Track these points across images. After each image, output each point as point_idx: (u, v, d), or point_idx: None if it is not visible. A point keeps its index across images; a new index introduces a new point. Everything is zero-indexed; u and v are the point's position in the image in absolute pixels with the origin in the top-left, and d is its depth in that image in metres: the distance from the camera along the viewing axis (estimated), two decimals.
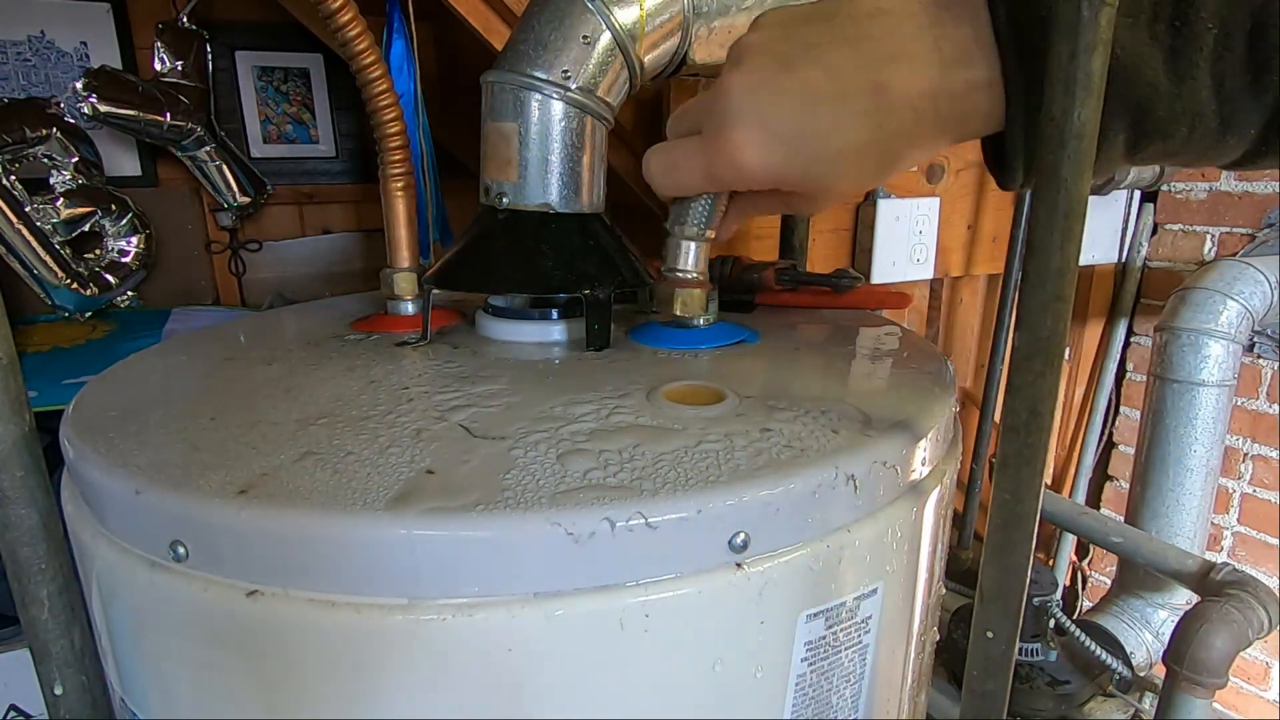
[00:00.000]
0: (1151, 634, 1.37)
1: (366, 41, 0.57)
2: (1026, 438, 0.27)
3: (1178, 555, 1.05)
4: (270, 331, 0.56)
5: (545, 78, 0.46)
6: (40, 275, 1.15)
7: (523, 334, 0.52)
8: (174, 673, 0.33)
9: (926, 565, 0.40)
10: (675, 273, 0.47)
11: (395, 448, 0.34)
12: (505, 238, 0.48)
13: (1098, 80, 0.23)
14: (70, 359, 1.10)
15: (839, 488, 0.33)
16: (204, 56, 1.35)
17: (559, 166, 0.47)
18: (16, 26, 1.28)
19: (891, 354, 0.50)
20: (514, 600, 0.29)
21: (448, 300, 0.63)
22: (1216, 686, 0.90)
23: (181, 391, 0.43)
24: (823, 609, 0.33)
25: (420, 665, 0.29)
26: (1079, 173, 0.24)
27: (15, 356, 0.34)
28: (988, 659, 0.30)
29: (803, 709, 0.35)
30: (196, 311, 1.38)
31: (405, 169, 0.59)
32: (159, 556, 0.31)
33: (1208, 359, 1.31)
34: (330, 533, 0.28)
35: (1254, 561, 1.51)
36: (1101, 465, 1.69)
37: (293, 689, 0.30)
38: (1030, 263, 0.25)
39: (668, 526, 0.29)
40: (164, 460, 0.33)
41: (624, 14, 0.48)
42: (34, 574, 0.35)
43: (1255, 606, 0.91)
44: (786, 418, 0.38)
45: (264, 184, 1.47)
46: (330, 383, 0.43)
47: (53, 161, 1.21)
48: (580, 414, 0.38)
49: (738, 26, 0.56)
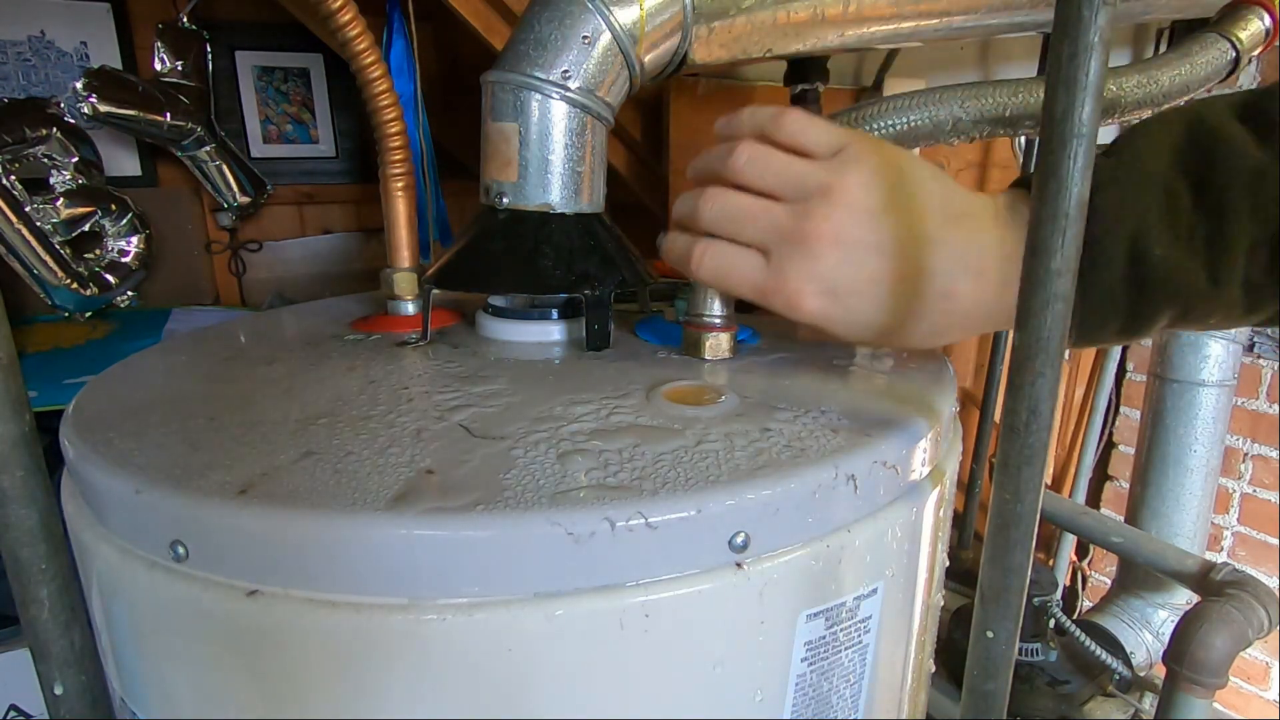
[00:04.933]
0: (1151, 634, 1.37)
1: (366, 41, 0.57)
2: (1026, 438, 0.27)
3: (1178, 555, 1.05)
4: (270, 331, 0.56)
5: (545, 78, 0.46)
6: (40, 275, 1.15)
7: (523, 334, 0.52)
8: (174, 673, 0.33)
9: (926, 565, 0.40)
10: (701, 318, 0.47)
11: (395, 448, 0.34)
12: (505, 238, 0.48)
13: (1097, 80, 0.23)
14: (70, 359, 1.10)
15: (839, 488, 0.33)
16: (204, 56, 1.36)
17: (559, 166, 0.47)
18: (16, 26, 1.28)
19: (891, 354, 0.50)
20: (514, 600, 0.29)
21: (448, 300, 0.63)
22: (1216, 686, 0.90)
23: (181, 391, 0.43)
24: (823, 609, 0.33)
25: (420, 665, 0.29)
26: (1079, 173, 0.24)
27: (15, 356, 0.34)
28: (988, 659, 0.30)
29: (803, 709, 0.35)
30: (196, 311, 1.38)
31: (405, 169, 0.59)
32: (159, 556, 0.31)
33: (1208, 358, 1.31)
34: (330, 533, 0.28)
35: (1254, 561, 1.51)
36: (1101, 465, 1.69)
37: (293, 689, 0.30)
38: (1030, 263, 0.25)
39: (668, 526, 0.29)
40: (164, 460, 0.33)
41: (624, 14, 0.48)
42: (34, 574, 0.35)
43: (1255, 606, 0.91)
44: (786, 418, 0.38)
45: (264, 184, 1.47)
46: (330, 383, 0.43)
47: (53, 161, 1.21)
48: (580, 414, 0.38)
49: (737, 26, 0.56)
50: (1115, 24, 0.28)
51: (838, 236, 0.35)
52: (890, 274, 0.36)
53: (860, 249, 0.35)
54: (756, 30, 0.57)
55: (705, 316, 0.47)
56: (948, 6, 0.65)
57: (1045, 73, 0.24)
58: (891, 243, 0.35)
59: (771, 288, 0.37)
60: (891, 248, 0.35)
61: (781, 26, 0.59)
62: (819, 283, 0.36)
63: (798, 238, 0.36)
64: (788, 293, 0.36)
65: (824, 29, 0.61)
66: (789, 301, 0.37)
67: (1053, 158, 0.24)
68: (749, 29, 0.57)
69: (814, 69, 0.88)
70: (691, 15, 0.53)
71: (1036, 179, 0.25)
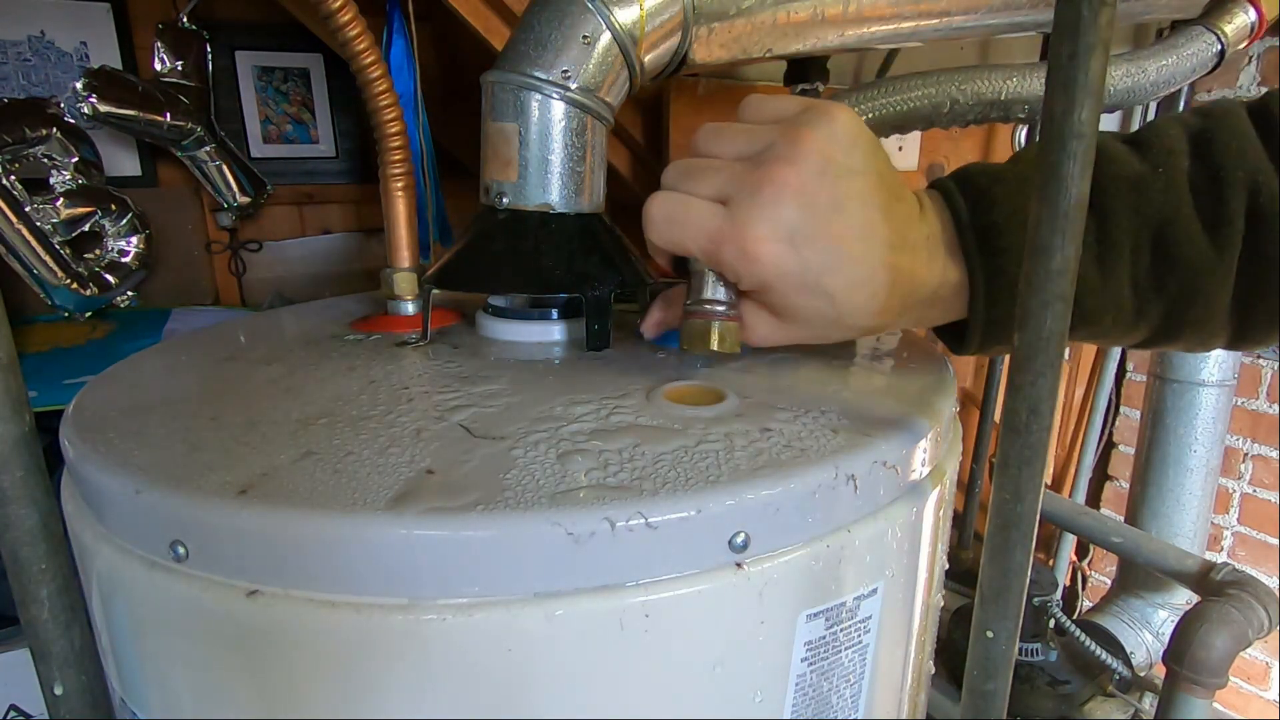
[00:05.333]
0: (1151, 634, 1.37)
1: (366, 41, 0.57)
2: (1026, 438, 0.27)
3: (1178, 555, 1.05)
4: (270, 331, 0.56)
5: (545, 78, 0.46)
6: (40, 275, 1.15)
7: (523, 334, 0.52)
8: (174, 673, 0.33)
9: (926, 565, 0.40)
10: (704, 304, 0.41)
11: (395, 448, 0.34)
12: (505, 238, 0.48)
13: (1097, 80, 0.23)
14: (70, 359, 1.10)
15: (839, 488, 0.33)
16: (204, 56, 1.35)
17: (559, 166, 0.47)
18: (16, 26, 1.28)
19: (891, 354, 0.50)
20: (514, 600, 0.29)
21: (448, 300, 0.63)
22: (1216, 686, 0.90)
23: (181, 391, 0.43)
24: (823, 609, 0.33)
25: (420, 665, 0.29)
26: (1079, 172, 0.24)
27: (15, 356, 0.34)
28: (988, 659, 0.30)
29: (803, 709, 0.35)
30: (196, 311, 1.38)
31: (405, 169, 0.59)
32: (159, 556, 0.31)
33: (1208, 358, 1.31)
34: (330, 533, 0.28)
35: (1254, 561, 1.51)
36: (1101, 465, 1.69)
37: (292, 689, 0.30)
38: (1030, 263, 0.25)
39: (668, 526, 0.29)
40: (164, 460, 0.33)
41: (624, 14, 0.48)
42: (34, 574, 0.35)
43: (1255, 606, 0.92)
44: (786, 418, 0.38)
45: (264, 184, 1.47)
46: (330, 383, 0.43)
47: (53, 161, 1.21)
48: (580, 414, 0.38)
49: (737, 26, 0.56)
50: (1115, 24, 0.28)
51: (801, 185, 0.35)
52: (848, 232, 0.35)
53: (823, 199, 0.35)
54: (756, 30, 0.57)
55: (709, 304, 0.41)
56: (948, 6, 0.65)
57: (1042, 61, 0.24)
58: (852, 201, 0.36)
59: (727, 234, 0.36)
60: (850, 206, 0.35)
61: (781, 26, 0.59)
62: (779, 228, 0.35)
63: (759, 182, 0.35)
64: (744, 240, 0.35)
65: (824, 29, 0.61)
66: (745, 250, 0.35)
67: (1053, 158, 0.24)
68: (749, 29, 0.57)
69: (814, 69, 0.88)
70: (691, 15, 0.53)
71: (1037, 179, 0.25)
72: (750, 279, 0.37)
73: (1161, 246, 0.36)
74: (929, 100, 0.75)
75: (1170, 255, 0.36)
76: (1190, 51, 0.85)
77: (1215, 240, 0.35)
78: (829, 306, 0.37)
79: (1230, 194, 0.35)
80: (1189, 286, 0.36)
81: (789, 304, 0.38)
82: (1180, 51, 0.84)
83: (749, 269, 0.36)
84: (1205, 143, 0.36)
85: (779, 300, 0.38)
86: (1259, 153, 0.35)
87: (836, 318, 0.38)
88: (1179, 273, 0.36)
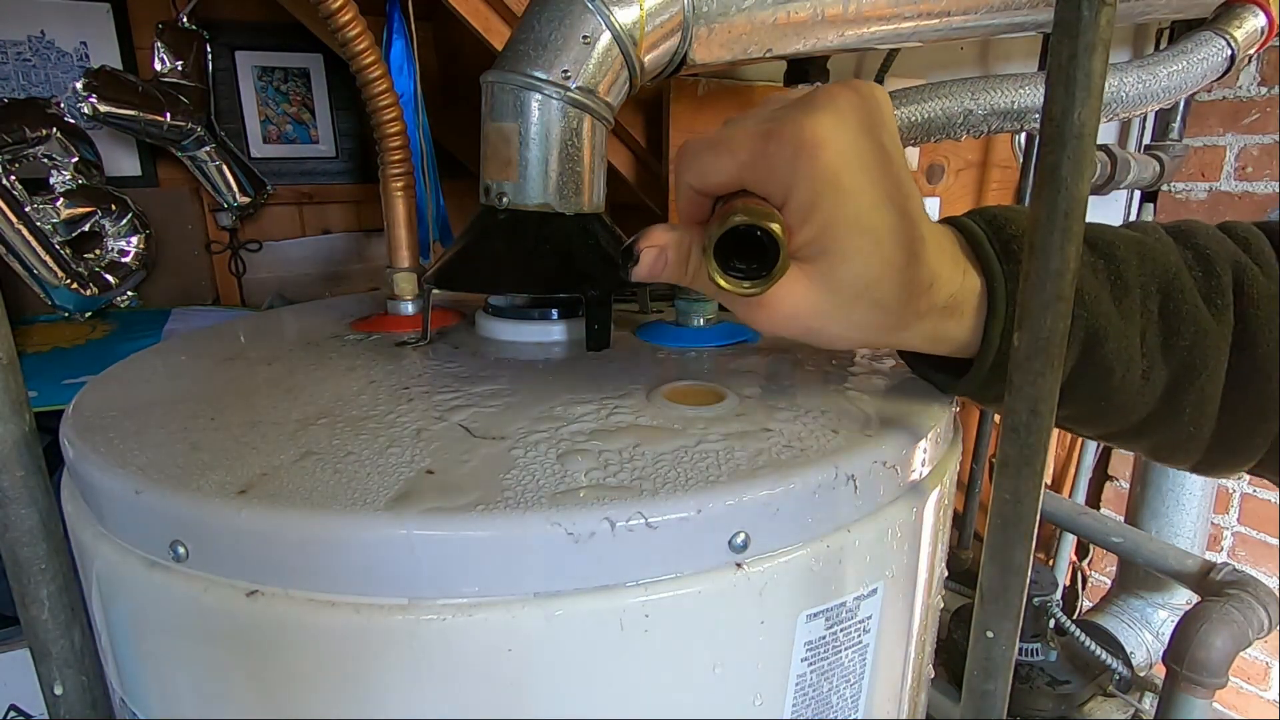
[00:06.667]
0: (1151, 634, 1.37)
1: (366, 41, 0.57)
2: (1026, 438, 0.27)
3: (1178, 555, 1.05)
4: (270, 331, 0.56)
5: (545, 78, 0.46)
6: (40, 275, 1.15)
7: (523, 334, 0.52)
8: (174, 673, 0.33)
9: (926, 565, 0.40)
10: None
11: (395, 448, 0.34)
12: (505, 238, 0.48)
13: (1098, 80, 0.23)
14: (70, 359, 1.10)
15: (839, 488, 0.33)
16: (204, 56, 1.36)
17: (559, 166, 0.47)
18: (16, 26, 1.28)
19: (891, 354, 0.50)
20: (514, 600, 0.29)
21: (448, 300, 0.63)
22: (1216, 686, 0.90)
23: (181, 391, 0.43)
24: (823, 609, 0.33)
25: (420, 665, 0.29)
26: (1079, 172, 0.24)
27: (15, 356, 0.34)
28: (988, 659, 0.30)
29: (803, 709, 0.35)
30: (196, 311, 1.38)
31: (405, 169, 0.59)
32: (159, 556, 0.31)
33: None
34: (330, 533, 0.28)
35: (1254, 561, 1.51)
36: (1101, 465, 1.69)
37: (293, 689, 0.30)
38: (1030, 263, 0.25)
39: (668, 526, 0.29)
40: (164, 460, 0.33)
41: (624, 14, 0.48)
42: (34, 574, 0.35)
43: (1255, 606, 0.92)
44: (786, 418, 0.38)
45: (264, 184, 1.47)
46: (330, 383, 0.43)
47: (53, 161, 1.21)
48: (580, 414, 0.38)
49: (737, 26, 0.56)
50: (1115, 24, 0.28)
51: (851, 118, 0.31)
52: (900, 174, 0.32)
53: (869, 144, 0.31)
54: (756, 30, 0.58)
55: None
56: (948, 6, 0.65)
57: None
58: (898, 153, 0.32)
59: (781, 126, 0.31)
60: (898, 157, 0.32)
61: (781, 26, 0.59)
62: (842, 126, 0.31)
63: (807, 102, 0.32)
64: (802, 127, 0.31)
65: (824, 29, 0.61)
66: (802, 138, 0.30)
67: (1053, 158, 0.24)
68: (749, 29, 0.57)
69: (814, 69, 0.89)
70: (691, 15, 0.53)
71: (1037, 179, 0.25)
72: (804, 185, 0.31)
73: (1169, 300, 0.35)
74: (944, 111, 0.75)
75: (1178, 312, 0.35)
76: (1200, 56, 0.84)
77: (1211, 310, 0.35)
78: (874, 251, 0.31)
79: (1221, 269, 0.36)
80: (1197, 347, 0.35)
81: (834, 241, 0.31)
82: (1191, 57, 0.84)
83: (806, 165, 0.30)
84: (1185, 234, 0.38)
85: (823, 235, 0.31)
86: (1231, 244, 0.37)
87: (871, 282, 0.32)
88: (1185, 332, 0.35)
